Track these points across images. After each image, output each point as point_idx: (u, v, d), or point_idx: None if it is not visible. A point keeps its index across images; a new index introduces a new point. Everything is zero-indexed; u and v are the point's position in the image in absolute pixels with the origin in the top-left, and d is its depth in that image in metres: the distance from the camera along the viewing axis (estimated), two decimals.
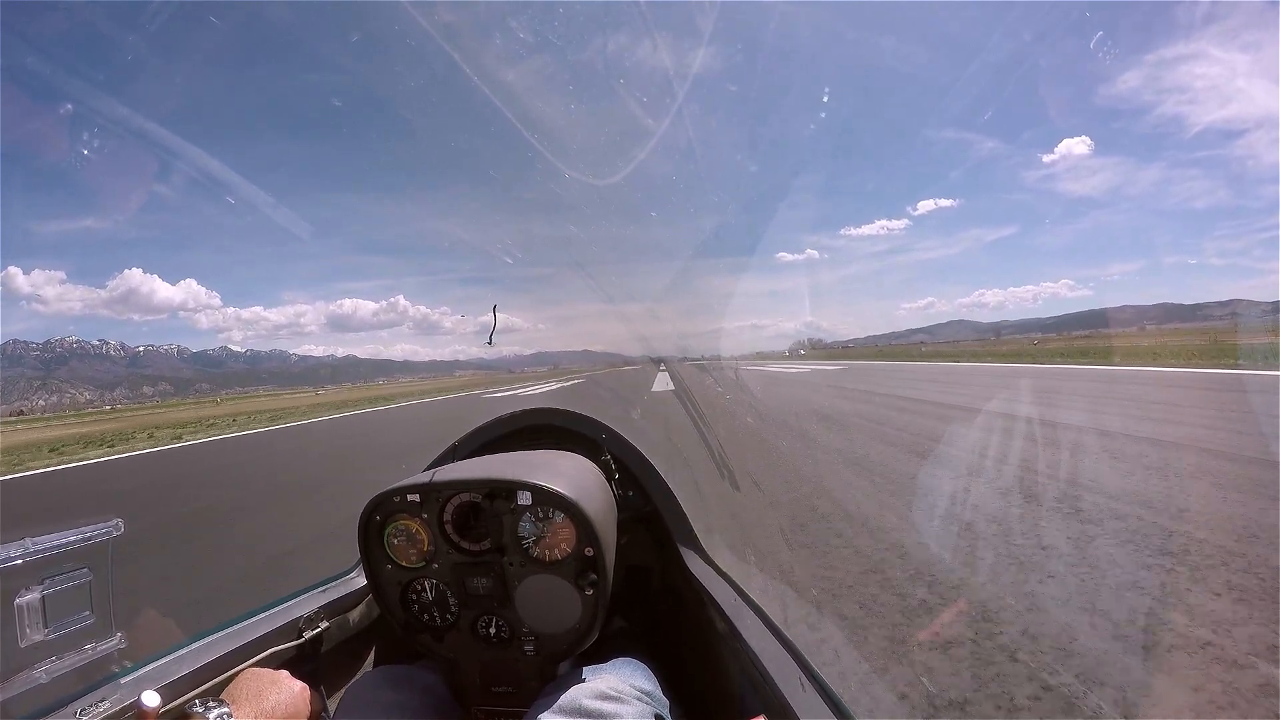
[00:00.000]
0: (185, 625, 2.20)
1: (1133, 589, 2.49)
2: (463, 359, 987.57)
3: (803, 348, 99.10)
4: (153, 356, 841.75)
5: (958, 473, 4.56)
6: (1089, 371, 13.69)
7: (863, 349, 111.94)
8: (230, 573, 3.55)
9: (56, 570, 0.69)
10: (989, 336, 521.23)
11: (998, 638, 2.14)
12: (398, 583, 0.98)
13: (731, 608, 0.94)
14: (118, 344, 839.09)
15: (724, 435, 4.00)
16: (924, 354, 40.54)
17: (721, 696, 0.96)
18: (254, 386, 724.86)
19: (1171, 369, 12.67)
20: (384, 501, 0.95)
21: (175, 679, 0.79)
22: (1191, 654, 1.99)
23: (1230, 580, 2.50)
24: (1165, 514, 3.38)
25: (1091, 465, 4.52)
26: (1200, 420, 6.19)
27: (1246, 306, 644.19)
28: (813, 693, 0.72)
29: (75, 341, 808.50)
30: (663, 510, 1.24)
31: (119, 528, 0.74)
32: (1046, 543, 3.05)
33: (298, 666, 0.98)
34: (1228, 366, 12.31)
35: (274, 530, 4.49)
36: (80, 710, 0.70)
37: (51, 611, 0.68)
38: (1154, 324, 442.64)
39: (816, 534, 3.35)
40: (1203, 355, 15.51)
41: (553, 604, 0.92)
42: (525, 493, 0.91)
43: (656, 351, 4.09)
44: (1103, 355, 19.96)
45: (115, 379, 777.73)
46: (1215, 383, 9.67)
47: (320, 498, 5.64)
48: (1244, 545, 2.85)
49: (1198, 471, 4.21)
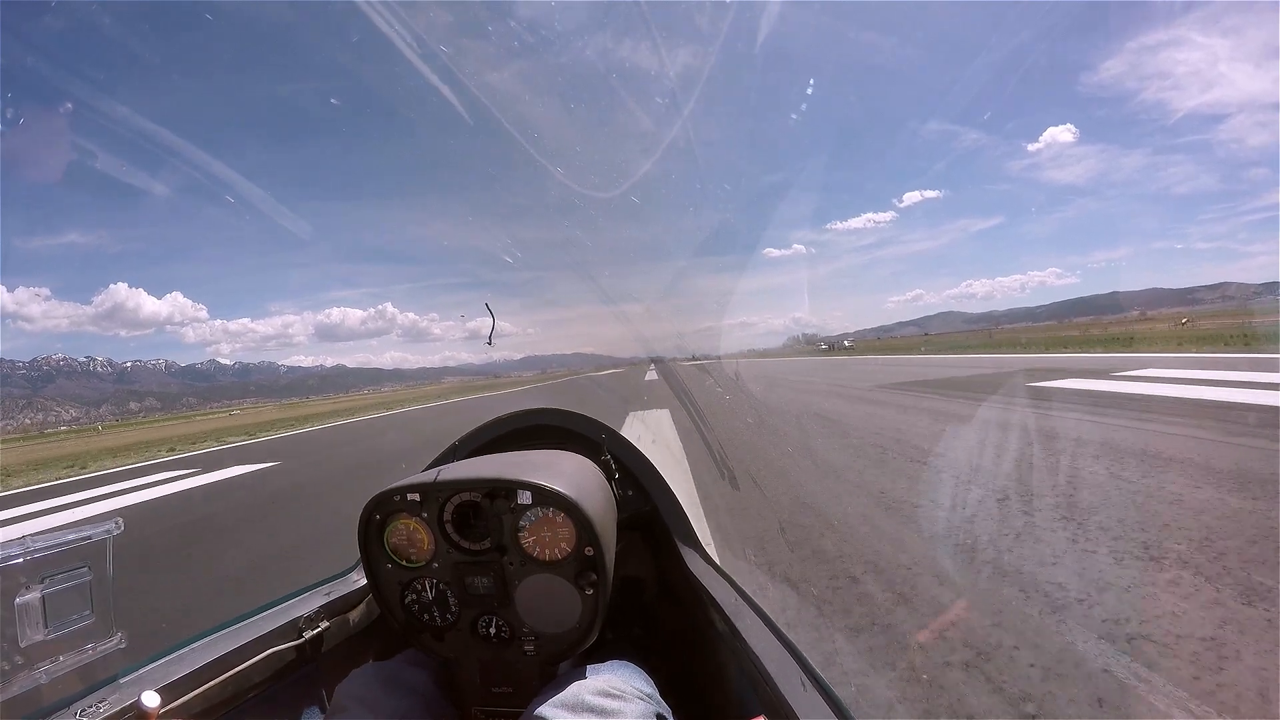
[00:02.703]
0: (190, 622, 2.14)
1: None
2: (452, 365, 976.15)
3: (848, 338, 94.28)
4: (140, 372, 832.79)
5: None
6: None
7: (896, 341, 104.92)
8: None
9: (56, 570, 0.69)
10: (981, 326, 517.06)
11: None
12: (398, 582, 0.98)
13: (731, 608, 0.94)
14: (104, 360, 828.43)
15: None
16: (993, 343, 36.67)
17: (721, 697, 0.96)
18: (243, 400, 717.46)
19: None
20: (384, 501, 0.95)
21: (175, 679, 0.79)
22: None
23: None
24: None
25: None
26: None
27: (1238, 289, 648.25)
28: (813, 693, 0.72)
29: (62, 359, 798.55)
30: (663, 510, 1.24)
31: (119, 526, 0.74)
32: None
33: (297, 667, 0.98)
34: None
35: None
36: (80, 710, 0.70)
37: (51, 611, 0.68)
38: (1144, 310, 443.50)
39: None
40: (1251, 339, 14.50)
41: (553, 604, 0.92)
42: (525, 492, 0.91)
43: (654, 351, 4.07)
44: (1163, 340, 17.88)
45: (103, 396, 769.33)
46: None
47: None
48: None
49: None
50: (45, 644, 0.68)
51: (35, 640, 0.67)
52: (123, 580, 0.74)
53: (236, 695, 0.88)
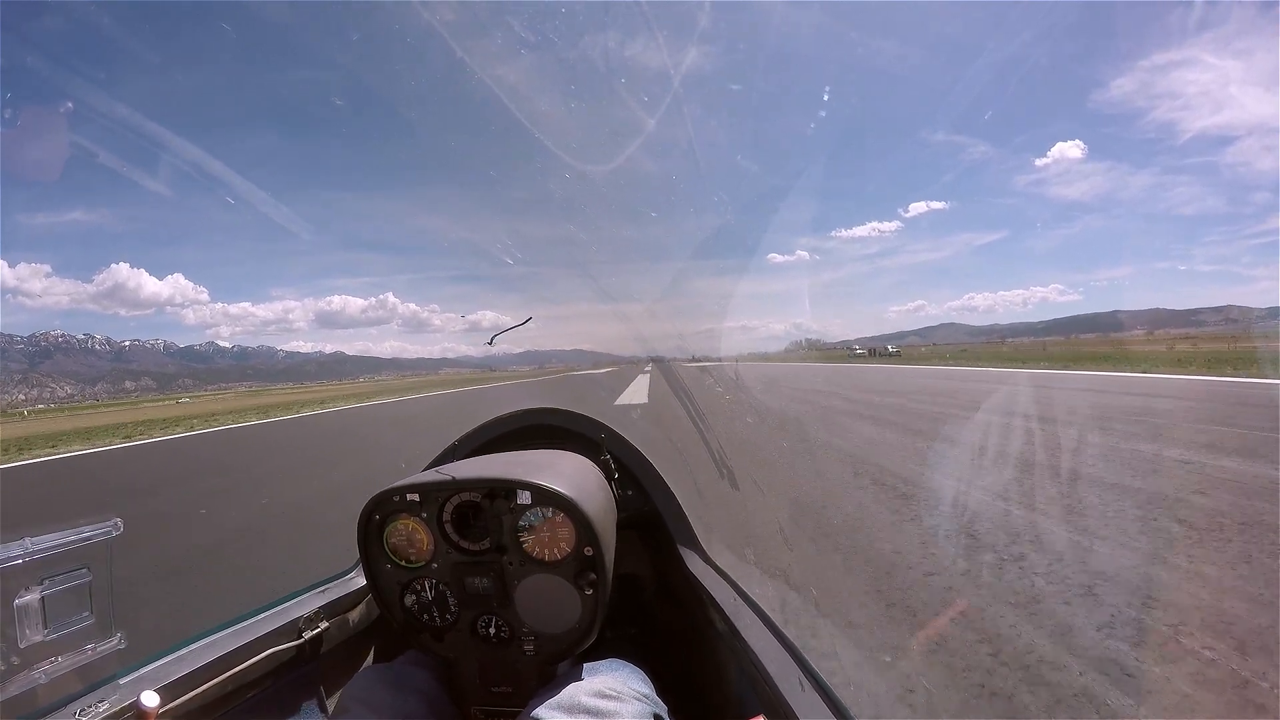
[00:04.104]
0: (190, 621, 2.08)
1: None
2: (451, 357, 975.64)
3: (890, 343, 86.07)
4: (138, 351, 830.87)
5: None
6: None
7: (943, 348, 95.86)
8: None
9: (56, 570, 0.69)
10: (984, 339, 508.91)
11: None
12: (397, 582, 0.98)
13: (731, 608, 0.95)
14: (103, 338, 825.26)
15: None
16: (1025, 356, 33.19)
17: (721, 697, 0.96)
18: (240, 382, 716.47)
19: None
20: (383, 501, 0.95)
21: (175, 679, 0.79)
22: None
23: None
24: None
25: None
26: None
27: (1242, 312, 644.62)
28: (813, 693, 0.73)
29: (61, 335, 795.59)
30: (662, 510, 1.24)
31: (118, 527, 0.74)
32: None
33: (297, 666, 0.98)
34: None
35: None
36: (80, 710, 0.70)
37: (51, 611, 0.68)
38: (1147, 329, 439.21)
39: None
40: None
41: (552, 604, 0.92)
42: (525, 492, 0.91)
43: (650, 350, 3.79)
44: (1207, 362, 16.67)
45: (99, 374, 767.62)
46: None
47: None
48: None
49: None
50: (45, 644, 0.68)
51: (35, 641, 0.67)
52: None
53: (236, 695, 0.88)
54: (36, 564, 0.67)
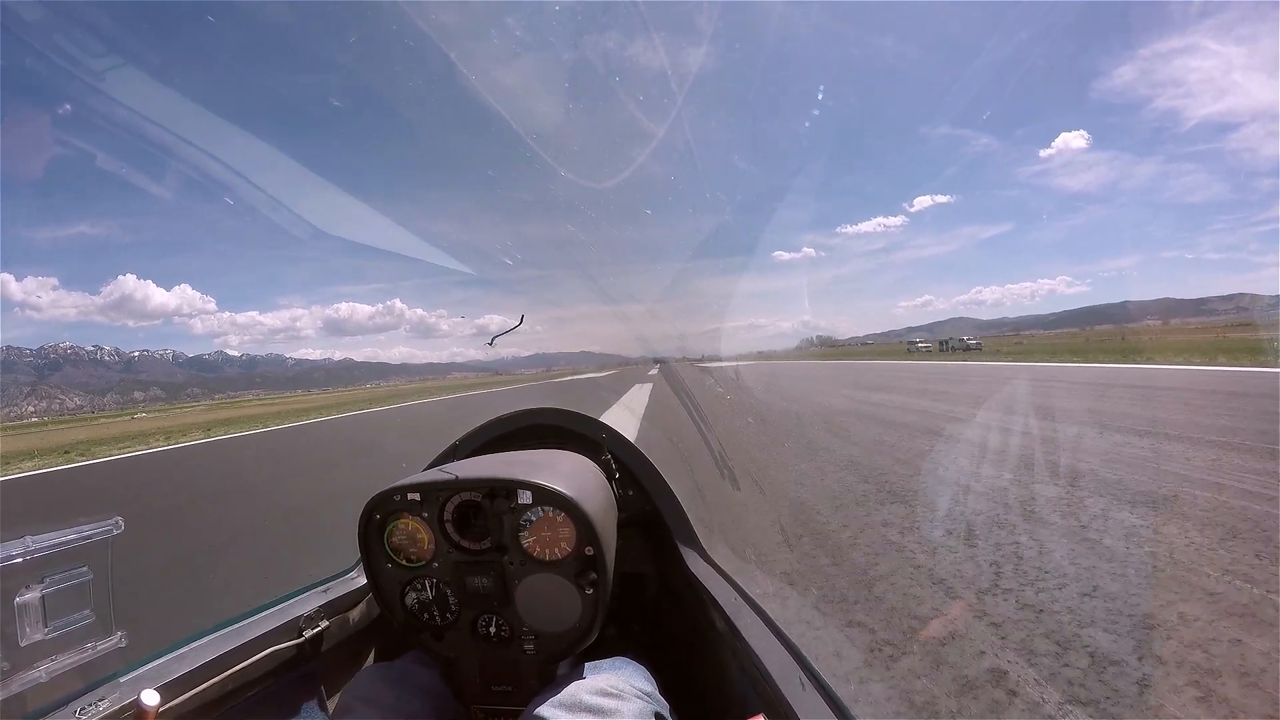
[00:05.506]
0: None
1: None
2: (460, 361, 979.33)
3: (969, 335, 73.16)
4: (147, 362, 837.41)
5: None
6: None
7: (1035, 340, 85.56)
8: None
9: (56, 569, 0.69)
10: (994, 333, 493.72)
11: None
12: (398, 582, 0.98)
13: (731, 608, 0.94)
14: (112, 349, 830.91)
15: None
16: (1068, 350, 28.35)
17: (721, 696, 0.96)
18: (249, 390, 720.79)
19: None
20: (384, 500, 0.95)
21: (175, 678, 0.79)
22: None
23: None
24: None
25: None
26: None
27: (1252, 300, 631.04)
28: (813, 693, 0.72)
29: (69, 347, 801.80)
30: (663, 510, 1.24)
31: (118, 526, 0.74)
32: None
33: (297, 666, 0.98)
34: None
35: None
36: (80, 709, 0.70)
37: (51, 611, 0.69)
38: (1160, 319, 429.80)
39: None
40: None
41: (553, 603, 0.92)
42: (525, 492, 0.91)
43: (656, 352, 3.64)
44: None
45: (108, 385, 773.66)
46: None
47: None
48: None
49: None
50: (45, 643, 0.68)
51: (35, 640, 0.67)
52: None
53: (236, 694, 0.88)
54: (37, 562, 0.68)
